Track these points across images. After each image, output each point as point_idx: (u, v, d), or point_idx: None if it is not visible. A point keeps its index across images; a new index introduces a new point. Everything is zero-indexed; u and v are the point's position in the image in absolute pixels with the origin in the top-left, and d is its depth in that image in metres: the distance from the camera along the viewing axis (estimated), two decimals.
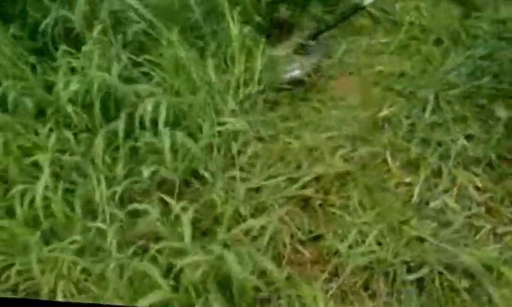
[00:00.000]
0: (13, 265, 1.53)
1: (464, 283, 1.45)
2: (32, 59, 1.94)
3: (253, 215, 1.67)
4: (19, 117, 1.78)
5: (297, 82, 2.17)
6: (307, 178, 1.80)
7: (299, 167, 1.85)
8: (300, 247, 1.63)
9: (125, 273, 1.45)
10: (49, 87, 1.90)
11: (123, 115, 1.81)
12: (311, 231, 1.67)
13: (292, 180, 1.79)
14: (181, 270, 1.43)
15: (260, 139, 1.93)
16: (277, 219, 1.61)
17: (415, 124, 1.92)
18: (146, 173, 1.73)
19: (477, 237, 1.56)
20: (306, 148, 1.91)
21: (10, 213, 1.62)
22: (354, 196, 1.74)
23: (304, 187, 1.77)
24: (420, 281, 1.50)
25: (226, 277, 1.40)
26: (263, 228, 1.60)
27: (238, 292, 1.39)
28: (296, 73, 2.20)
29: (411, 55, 2.23)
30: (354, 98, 2.11)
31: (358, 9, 2.29)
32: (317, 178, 1.80)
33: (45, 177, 1.57)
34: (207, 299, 1.39)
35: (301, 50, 2.28)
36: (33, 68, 1.92)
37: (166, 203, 1.68)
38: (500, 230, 1.57)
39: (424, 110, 1.95)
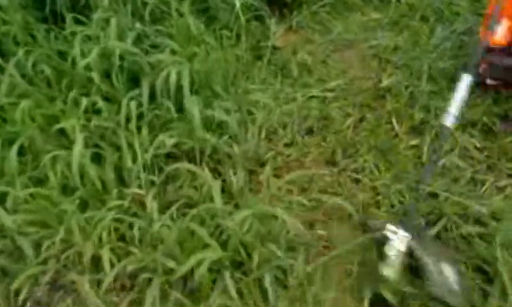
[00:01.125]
0: (52, 234, 1.51)
1: (476, 230, 1.64)
2: (42, 27, 1.88)
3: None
4: (39, 85, 1.73)
5: None
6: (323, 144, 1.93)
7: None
8: None
9: (172, 234, 1.48)
10: (63, 56, 1.85)
11: (145, 83, 1.81)
12: None
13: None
14: (227, 230, 1.49)
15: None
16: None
17: (414, 92, 2.08)
18: (171, 140, 1.76)
19: (482, 190, 1.76)
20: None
21: (42, 183, 1.58)
22: (369, 160, 1.88)
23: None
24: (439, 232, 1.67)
25: (274, 233, 1.48)
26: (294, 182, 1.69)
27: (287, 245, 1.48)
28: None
29: (402, 30, 2.40)
30: (355, 70, 2.25)
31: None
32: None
33: (80, 143, 1.55)
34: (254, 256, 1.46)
35: None
36: (45, 36, 1.86)
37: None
38: (501, 183, 1.77)
39: (419, 79, 2.12)
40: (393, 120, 2.01)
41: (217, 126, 1.83)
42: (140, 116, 1.80)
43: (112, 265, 1.46)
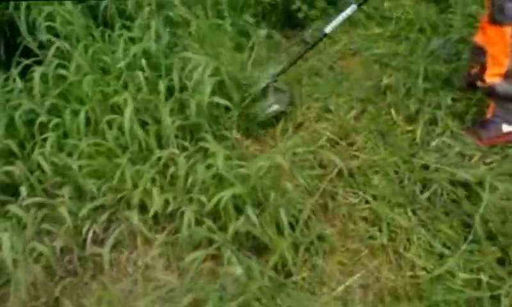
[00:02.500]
0: (108, 181, 1.82)
1: (464, 193, 1.86)
2: (98, 30, 2.26)
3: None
4: (96, 70, 2.09)
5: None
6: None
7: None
8: None
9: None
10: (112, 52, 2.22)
11: (175, 73, 2.14)
12: None
13: None
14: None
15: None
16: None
17: (411, 88, 2.35)
18: None
19: (471, 162, 1.99)
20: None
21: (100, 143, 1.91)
22: (369, 140, 2.14)
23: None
24: (430, 196, 1.90)
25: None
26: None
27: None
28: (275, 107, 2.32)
29: (401, 40, 2.70)
30: (359, 72, 2.55)
31: (322, 37, 2.33)
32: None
33: (130, 109, 1.88)
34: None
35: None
36: (100, 36, 2.25)
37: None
38: (488, 160, 2.00)
39: (417, 78, 2.40)
40: (392, 110, 2.27)
41: None
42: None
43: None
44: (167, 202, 1.73)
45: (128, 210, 1.75)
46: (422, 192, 1.91)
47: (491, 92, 2.06)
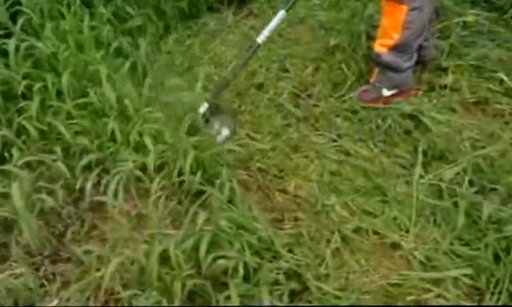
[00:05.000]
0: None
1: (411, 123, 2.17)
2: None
3: None
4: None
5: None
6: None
7: None
8: None
9: None
10: None
11: None
12: None
13: None
14: None
15: None
16: None
17: (356, 48, 2.64)
18: None
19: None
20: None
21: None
22: (325, 91, 2.41)
23: None
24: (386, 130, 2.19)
25: None
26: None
27: None
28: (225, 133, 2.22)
29: (341, 8, 2.99)
30: (307, 37, 2.81)
31: (256, 49, 2.29)
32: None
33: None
34: None
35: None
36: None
37: None
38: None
39: (359, 38, 2.69)
40: (343, 66, 2.55)
41: None
42: None
43: None
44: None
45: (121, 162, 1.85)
46: (377, 127, 2.20)
47: (377, 60, 2.27)
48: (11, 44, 1.98)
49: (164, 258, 1.56)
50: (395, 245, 1.71)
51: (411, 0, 2.05)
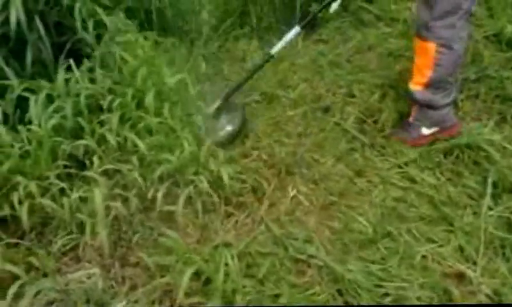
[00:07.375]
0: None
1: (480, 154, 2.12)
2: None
3: None
4: None
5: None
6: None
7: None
8: None
9: None
10: None
11: None
12: None
13: None
14: None
15: None
16: None
17: None
18: None
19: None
20: None
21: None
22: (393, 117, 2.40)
23: None
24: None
25: None
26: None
27: None
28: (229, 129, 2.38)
29: (411, 37, 2.98)
30: (375, 64, 2.83)
31: (269, 59, 2.46)
32: None
33: None
34: None
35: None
36: None
37: None
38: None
39: None
40: None
41: None
42: None
43: None
44: None
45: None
46: (445, 156, 2.16)
47: (413, 98, 2.26)
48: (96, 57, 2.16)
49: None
50: (461, 276, 1.67)
51: (437, 37, 2.06)
